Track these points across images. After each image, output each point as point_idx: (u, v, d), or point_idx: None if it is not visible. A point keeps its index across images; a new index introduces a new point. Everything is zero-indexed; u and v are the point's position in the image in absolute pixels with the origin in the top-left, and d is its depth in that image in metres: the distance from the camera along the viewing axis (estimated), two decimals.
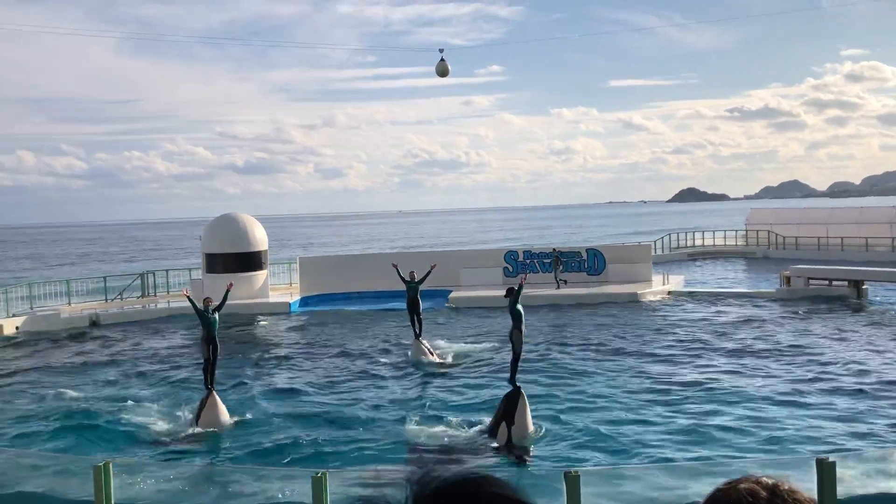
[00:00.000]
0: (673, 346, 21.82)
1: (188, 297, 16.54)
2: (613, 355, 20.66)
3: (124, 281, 34.82)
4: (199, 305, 17.16)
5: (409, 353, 20.98)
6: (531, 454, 12.57)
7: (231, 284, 18.06)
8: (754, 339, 22.35)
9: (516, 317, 14.42)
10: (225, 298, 16.48)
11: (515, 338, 14.23)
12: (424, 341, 21.01)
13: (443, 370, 19.53)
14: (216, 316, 16.15)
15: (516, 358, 14.20)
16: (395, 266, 22.94)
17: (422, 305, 21.60)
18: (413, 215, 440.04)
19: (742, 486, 1.42)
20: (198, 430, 14.71)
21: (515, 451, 12.62)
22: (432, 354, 20.61)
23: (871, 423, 14.00)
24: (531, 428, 13.16)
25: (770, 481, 1.45)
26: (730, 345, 21.59)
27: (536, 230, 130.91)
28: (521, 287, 15.38)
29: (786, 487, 1.45)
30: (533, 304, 29.68)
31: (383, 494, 0.81)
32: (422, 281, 21.63)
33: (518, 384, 13.71)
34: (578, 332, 24.48)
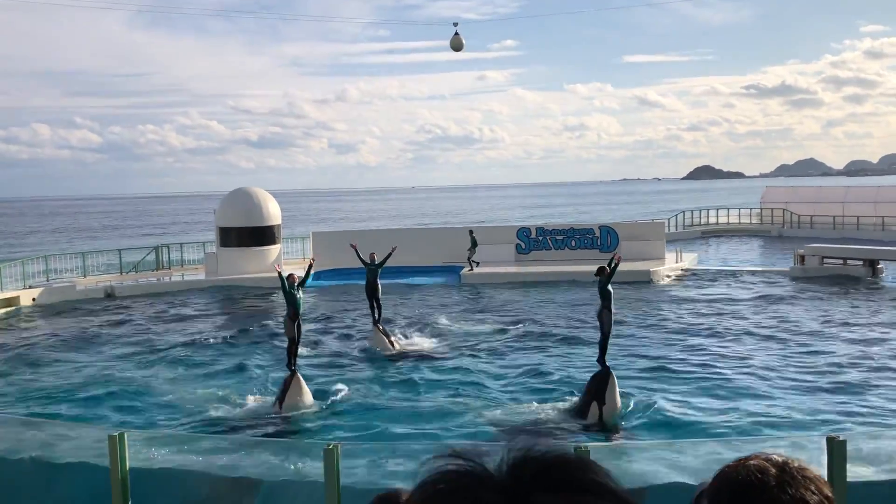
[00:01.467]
0: (684, 323, 21.78)
1: (279, 273, 15.59)
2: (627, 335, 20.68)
3: (139, 254, 35.05)
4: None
5: (367, 341, 19.84)
6: (620, 431, 12.76)
7: (314, 259, 17.79)
8: (767, 317, 22.27)
9: (606, 296, 14.13)
10: (307, 274, 15.85)
11: (605, 317, 14.01)
12: (384, 328, 19.83)
13: (471, 351, 19.20)
14: (301, 293, 15.45)
15: (605, 337, 14.01)
16: (353, 247, 21.55)
17: (381, 290, 20.34)
18: (426, 191, 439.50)
19: (752, 462, 1.43)
20: (282, 412, 13.94)
21: (606, 429, 12.82)
22: (392, 343, 19.32)
23: (882, 404, 13.97)
24: (619, 406, 13.36)
25: (780, 458, 1.46)
26: (741, 323, 21.54)
27: (550, 208, 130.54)
28: (615, 266, 14.84)
29: (795, 465, 1.46)
30: (545, 282, 29.73)
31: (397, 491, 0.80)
32: (382, 264, 20.43)
33: (607, 364, 13.73)
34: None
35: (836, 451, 6.61)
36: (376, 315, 19.98)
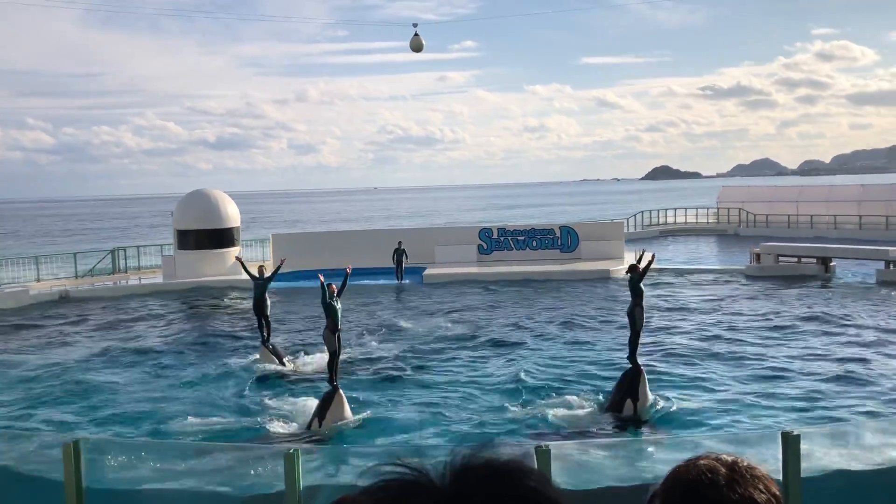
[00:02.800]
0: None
1: (322, 284, 14.61)
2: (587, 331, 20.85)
3: (95, 258, 34.42)
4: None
5: (256, 359, 18.45)
6: (652, 426, 13.01)
7: (350, 267, 16.89)
8: (722, 314, 22.65)
9: (638, 293, 14.16)
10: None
11: (638, 315, 14.05)
12: (273, 346, 18.52)
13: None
14: (339, 304, 14.70)
15: (636, 335, 14.09)
16: (238, 260, 20.58)
17: (269, 307, 18.74)
18: (388, 192, 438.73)
19: (701, 462, 1.46)
20: (318, 428, 13.24)
21: (640, 424, 13.04)
22: (282, 361, 18.04)
23: (834, 400, 14.29)
24: (650, 402, 13.63)
25: (729, 458, 1.48)
26: (697, 320, 21.87)
27: (511, 209, 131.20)
28: (650, 264, 14.83)
29: (745, 464, 1.48)
30: (504, 280, 29.90)
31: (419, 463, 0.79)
32: (270, 279, 18.70)
33: (638, 361, 13.84)
34: (547, 309, 24.64)
35: (791, 446, 6.74)
36: (265, 333, 18.49)
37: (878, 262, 28.83)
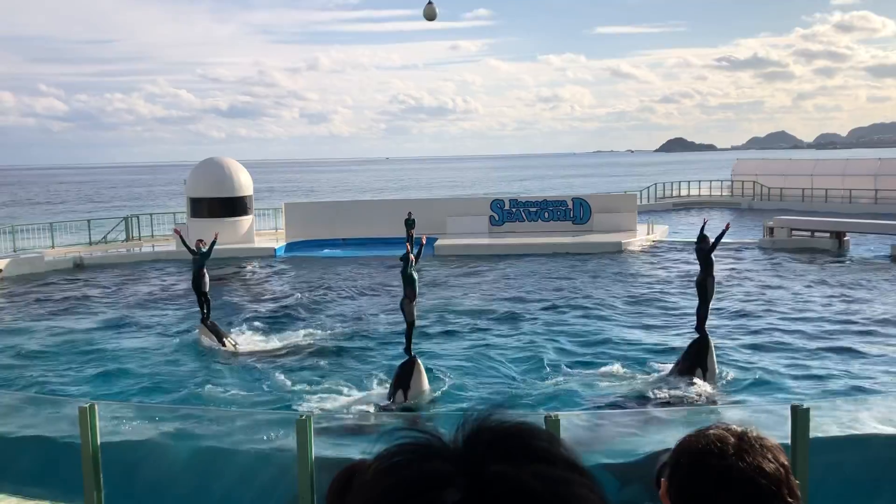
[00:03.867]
0: (655, 294, 22.02)
1: (408, 253, 13.81)
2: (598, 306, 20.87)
3: (109, 225, 34.60)
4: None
5: (196, 338, 17.70)
6: (718, 396, 13.10)
7: (425, 238, 16.02)
8: (736, 288, 22.59)
9: (709, 264, 14.18)
10: (419, 253, 14.38)
11: (709, 285, 14.10)
12: (213, 324, 17.54)
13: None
14: (416, 274, 14.14)
15: (706, 305, 14.12)
16: (177, 233, 19.85)
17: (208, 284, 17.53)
18: (400, 163, 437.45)
19: (711, 432, 1.48)
20: (404, 400, 12.87)
21: (708, 395, 13.10)
22: (222, 341, 17.07)
23: (844, 371, 14.31)
24: (717, 371, 13.74)
25: (739, 428, 1.50)
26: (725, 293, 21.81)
27: (523, 181, 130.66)
28: (723, 234, 14.72)
29: (753, 434, 1.50)
30: (516, 254, 29.88)
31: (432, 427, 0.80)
32: (207, 254, 17.63)
33: (706, 331, 13.93)
34: (567, 282, 24.64)
35: (800, 419, 6.77)
36: (205, 311, 17.53)
37: (893, 236, 28.60)
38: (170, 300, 23.21)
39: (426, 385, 13.27)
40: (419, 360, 13.34)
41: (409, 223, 30.27)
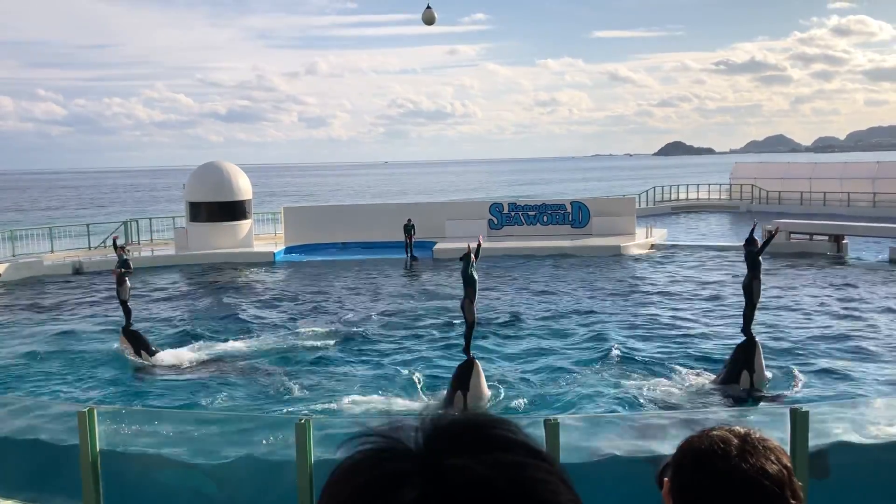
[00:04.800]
0: (652, 298, 22.03)
1: (469, 252, 13.38)
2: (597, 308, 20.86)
3: (108, 229, 34.59)
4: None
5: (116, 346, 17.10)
6: (768, 397, 13.20)
7: (483, 237, 15.62)
8: (735, 292, 22.58)
9: (756, 266, 14.18)
10: (477, 253, 13.81)
11: (755, 287, 14.12)
12: (137, 333, 16.79)
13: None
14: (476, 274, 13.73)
15: (752, 308, 14.14)
16: (114, 241, 19.13)
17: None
18: (399, 167, 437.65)
19: (715, 433, 1.48)
20: (463, 402, 12.55)
21: (756, 395, 13.23)
22: (139, 352, 16.32)
23: (844, 374, 14.32)
24: (766, 374, 13.81)
25: (742, 430, 1.50)
26: (710, 297, 21.83)
27: (523, 185, 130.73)
28: (772, 237, 14.87)
29: (757, 436, 1.50)
30: (516, 257, 29.90)
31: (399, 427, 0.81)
32: (121, 263, 16.92)
33: (752, 333, 13.96)
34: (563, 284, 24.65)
35: (799, 422, 6.77)
36: (127, 319, 16.86)
37: (892, 239, 28.63)
38: (168, 304, 23.19)
39: (485, 387, 13.02)
40: (478, 362, 13.07)
41: (409, 229, 30.27)
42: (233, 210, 32.58)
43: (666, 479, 1.49)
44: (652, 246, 31.93)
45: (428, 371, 15.16)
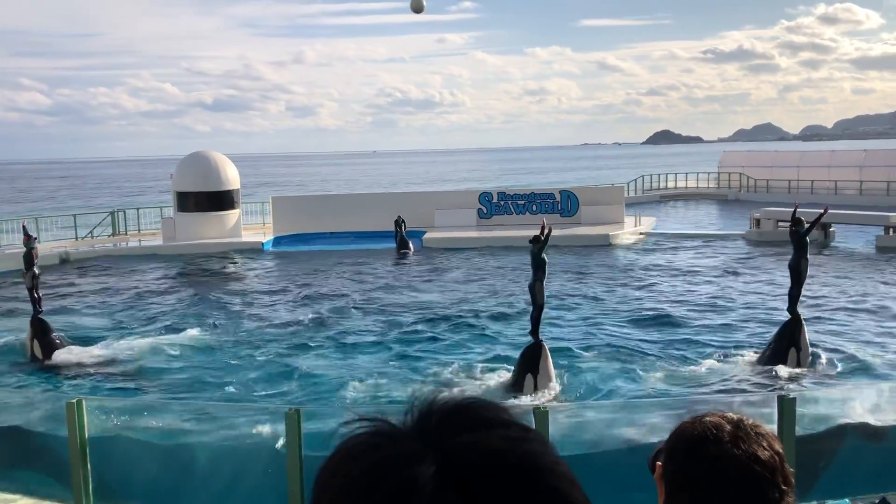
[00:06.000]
0: (641, 286, 22.12)
1: (544, 234, 13.13)
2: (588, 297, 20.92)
3: (95, 219, 34.38)
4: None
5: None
6: (819, 375, 13.58)
7: (550, 228, 15.22)
8: (724, 279, 22.72)
9: (803, 246, 14.38)
10: (546, 240, 13.41)
11: (803, 266, 14.33)
12: (45, 326, 16.05)
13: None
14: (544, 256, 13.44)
15: (800, 286, 14.32)
16: (24, 227, 18.60)
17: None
18: (387, 156, 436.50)
19: (707, 419, 1.48)
20: (533, 386, 12.55)
21: (807, 374, 13.54)
22: (33, 342, 15.68)
23: (830, 361, 14.47)
24: (810, 352, 14.14)
25: (735, 416, 1.51)
26: (698, 285, 21.94)
27: (513, 174, 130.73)
28: (820, 217, 15.25)
29: (749, 422, 1.51)
30: (506, 247, 29.89)
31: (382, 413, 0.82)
32: (28, 251, 16.38)
33: (798, 312, 14.18)
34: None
35: (787, 409, 6.83)
36: (38, 307, 16.04)
37: (878, 227, 28.82)
38: (156, 294, 23.10)
39: (553, 370, 12.93)
40: (545, 345, 12.96)
41: (399, 223, 30.12)
42: (221, 200, 32.44)
43: (658, 463, 1.49)
44: (641, 234, 32.04)
45: (419, 357, 15.18)
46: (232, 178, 33.05)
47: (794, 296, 14.30)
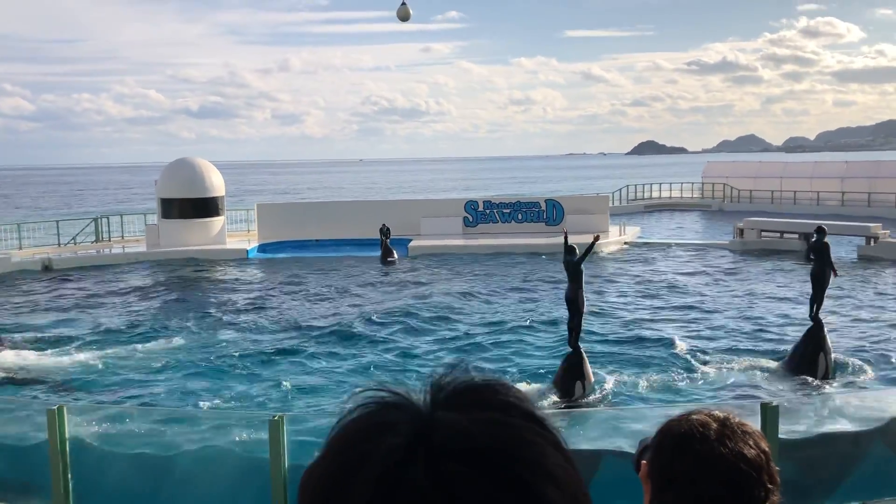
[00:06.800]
0: (625, 295, 22.19)
1: (594, 244, 13.63)
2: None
3: (78, 226, 34.11)
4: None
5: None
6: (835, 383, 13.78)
7: (598, 237, 15.01)
8: (708, 288, 22.84)
9: (825, 254, 14.62)
10: (589, 249, 13.79)
11: (827, 274, 14.49)
12: None
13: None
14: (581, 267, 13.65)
15: (823, 292, 14.49)
16: None
17: None
18: (373, 164, 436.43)
19: (694, 417, 1.47)
20: (583, 391, 12.73)
21: (830, 382, 13.75)
22: None
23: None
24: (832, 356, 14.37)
25: (721, 414, 1.50)
26: (681, 294, 22.04)
27: (498, 181, 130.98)
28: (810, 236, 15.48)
29: (735, 420, 1.50)
30: (491, 255, 29.93)
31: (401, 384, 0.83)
32: None
33: (820, 317, 14.36)
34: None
35: (769, 416, 6.84)
36: None
37: (860, 237, 29.09)
38: (140, 301, 22.93)
39: (592, 376, 13.28)
40: (583, 350, 13.34)
41: (384, 231, 29.96)
42: (205, 206, 32.27)
43: (644, 461, 1.48)
44: (625, 244, 32.16)
45: (402, 365, 15.14)
46: (217, 184, 32.90)
47: (817, 301, 14.52)
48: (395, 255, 29.50)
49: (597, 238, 13.94)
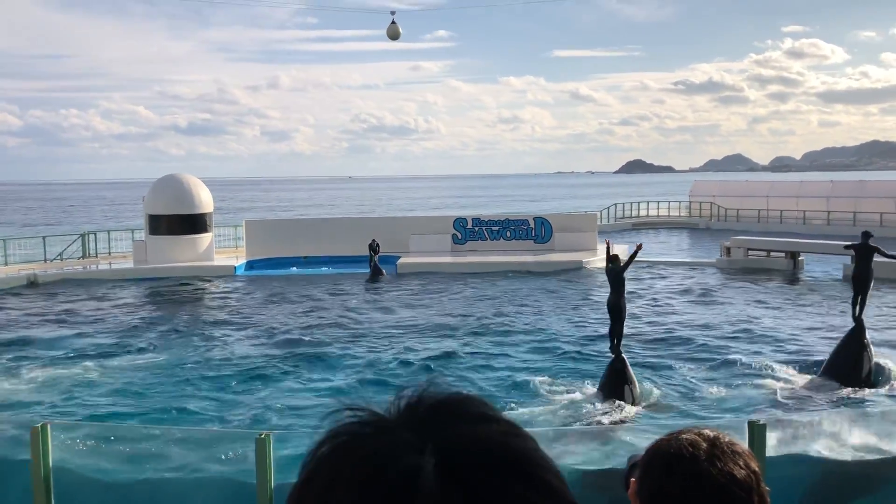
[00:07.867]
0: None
1: (636, 253, 13.69)
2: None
3: (65, 242, 33.90)
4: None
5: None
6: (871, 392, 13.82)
7: (640, 245, 14.64)
8: (694, 307, 22.89)
9: (868, 260, 14.95)
10: (632, 258, 13.74)
11: (870, 276, 14.77)
12: None
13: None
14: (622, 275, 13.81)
15: (866, 294, 14.62)
16: None
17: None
18: (363, 182, 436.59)
19: (684, 436, 1.47)
20: (633, 398, 12.91)
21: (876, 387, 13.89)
22: None
23: (792, 390, 14.59)
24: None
25: (711, 433, 1.49)
26: (667, 312, 22.08)
27: (488, 198, 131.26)
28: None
29: (726, 440, 1.49)
30: (480, 273, 29.92)
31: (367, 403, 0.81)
32: None
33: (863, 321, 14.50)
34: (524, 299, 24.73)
35: (757, 435, 6.84)
36: None
37: (846, 256, 29.26)
38: (126, 318, 22.75)
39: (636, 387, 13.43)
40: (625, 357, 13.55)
41: (373, 247, 29.94)
42: (193, 223, 32.16)
43: (633, 479, 1.47)
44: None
45: (390, 382, 15.06)
46: (205, 201, 32.81)
47: (861, 303, 14.65)
48: (384, 272, 29.48)
49: (639, 247, 14.16)
